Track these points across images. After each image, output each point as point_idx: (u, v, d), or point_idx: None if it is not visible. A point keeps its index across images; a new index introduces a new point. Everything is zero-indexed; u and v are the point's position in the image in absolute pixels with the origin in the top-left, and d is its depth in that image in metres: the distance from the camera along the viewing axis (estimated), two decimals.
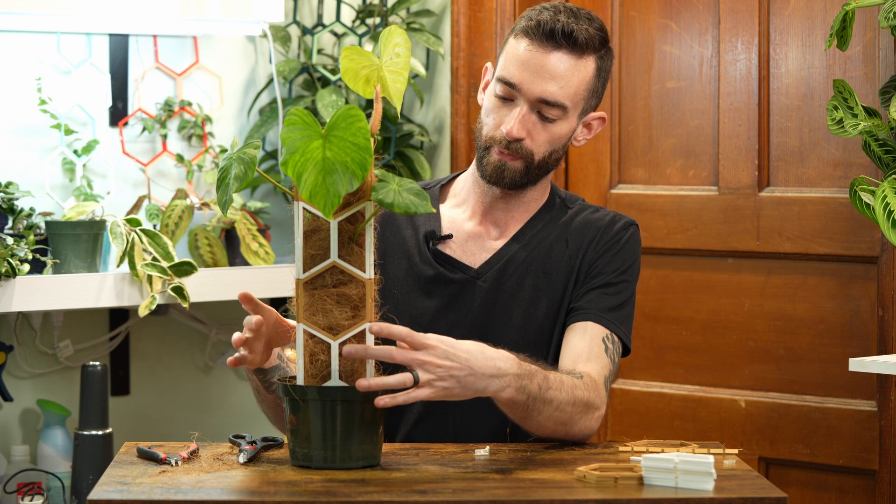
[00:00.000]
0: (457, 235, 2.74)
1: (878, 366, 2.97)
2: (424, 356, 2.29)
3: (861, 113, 2.99)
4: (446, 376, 2.30)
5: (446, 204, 2.79)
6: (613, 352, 2.64)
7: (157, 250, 3.37)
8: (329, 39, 3.93)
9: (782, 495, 2.18)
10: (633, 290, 2.72)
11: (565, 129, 2.67)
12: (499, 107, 2.66)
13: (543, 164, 2.68)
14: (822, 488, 3.40)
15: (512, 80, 2.63)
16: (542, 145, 2.65)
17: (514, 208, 2.74)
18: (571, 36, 2.61)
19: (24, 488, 3.36)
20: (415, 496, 2.15)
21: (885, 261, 3.26)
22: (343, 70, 2.38)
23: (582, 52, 2.63)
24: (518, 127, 2.62)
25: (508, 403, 2.40)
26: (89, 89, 3.57)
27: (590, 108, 2.70)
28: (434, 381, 2.29)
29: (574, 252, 2.71)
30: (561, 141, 2.67)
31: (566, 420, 2.49)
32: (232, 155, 2.30)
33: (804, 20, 3.42)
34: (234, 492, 2.18)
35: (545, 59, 2.62)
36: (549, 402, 2.45)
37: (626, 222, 2.74)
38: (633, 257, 2.73)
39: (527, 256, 2.71)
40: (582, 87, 2.65)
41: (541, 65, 2.62)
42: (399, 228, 2.74)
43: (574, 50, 2.62)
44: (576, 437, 2.54)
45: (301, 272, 2.30)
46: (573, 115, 2.67)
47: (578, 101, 2.65)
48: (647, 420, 3.64)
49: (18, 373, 3.54)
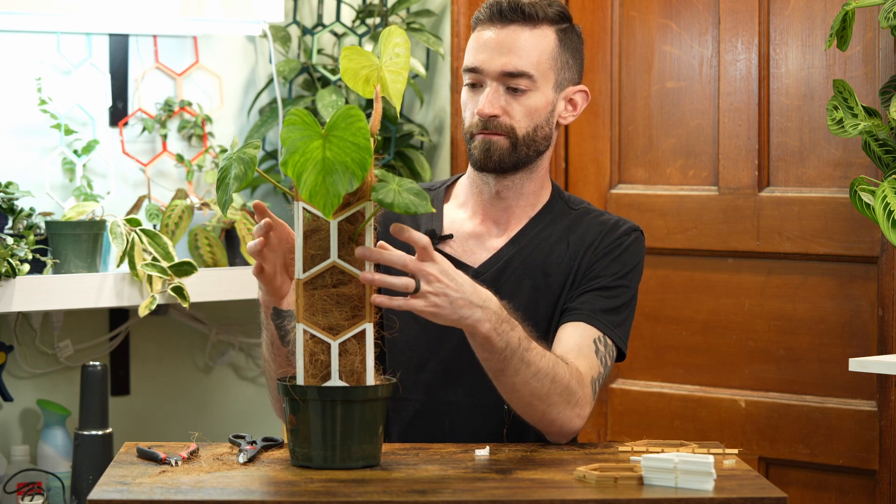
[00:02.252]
0: (458, 235, 2.74)
1: (878, 366, 2.97)
2: (431, 268, 2.32)
3: (861, 113, 2.99)
4: (441, 293, 2.33)
5: (450, 204, 2.79)
6: (605, 354, 2.63)
7: (157, 250, 3.37)
8: (329, 39, 3.93)
9: (782, 495, 2.18)
10: (631, 295, 2.70)
11: (540, 100, 2.68)
12: (471, 96, 2.70)
13: (529, 140, 2.68)
14: (822, 488, 3.40)
15: (474, 64, 2.68)
16: (520, 119, 2.67)
17: (512, 204, 2.73)
18: (519, 7, 2.67)
19: (24, 488, 3.36)
20: (415, 496, 2.15)
21: (885, 261, 3.26)
22: (343, 70, 2.38)
23: (535, 23, 2.67)
24: (488, 104, 2.65)
25: (485, 343, 2.41)
26: (89, 89, 3.57)
27: (565, 80, 2.71)
28: (430, 294, 2.32)
29: (574, 254, 2.70)
30: (539, 114, 2.68)
31: (543, 395, 2.48)
32: (232, 155, 2.30)
33: (804, 20, 3.42)
34: (234, 492, 2.18)
35: (500, 35, 2.66)
36: (527, 364, 2.45)
37: (629, 227, 2.74)
38: (633, 263, 2.72)
39: (527, 257, 2.70)
40: (544, 55, 2.67)
41: (497, 41, 2.66)
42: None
43: (526, 21, 2.67)
44: (553, 427, 2.52)
45: (301, 272, 2.30)
46: (545, 86, 2.68)
47: (545, 70, 2.67)
48: (647, 420, 3.64)
49: (18, 373, 3.54)
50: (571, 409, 2.52)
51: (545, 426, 2.53)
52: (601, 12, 3.69)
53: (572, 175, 3.76)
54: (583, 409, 2.54)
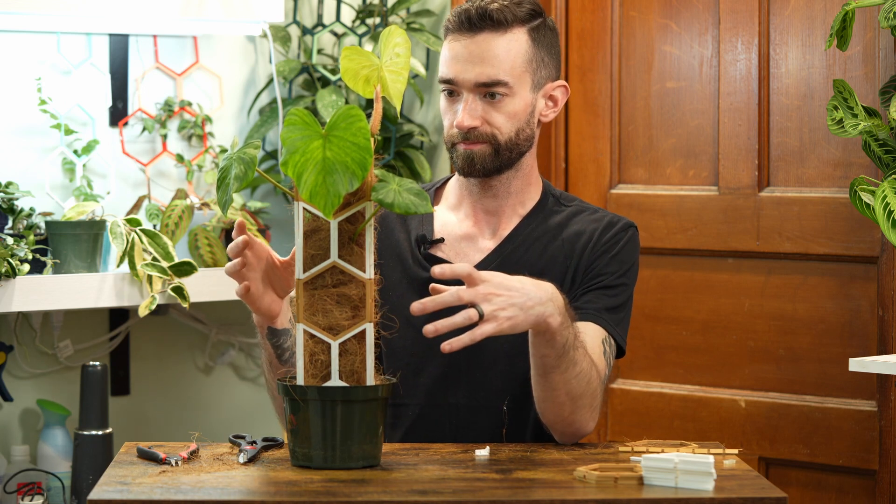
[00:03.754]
0: (450, 238, 2.73)
1: (878, 366, 2.97)
2: (486, 288, 2.32)
3: (861, 113, 2.99)
4: (507, 305, 2.32)
5: (440, 206, 2.78)
6: (610, 355, 2.63)
7: (157, 250, 3.37)
8: (329, 39, 3.93)
9: (782, 495, 2.18)
10: (630, 292, 2.71)
11: (519, 104, 2.66)
12: (449, 106, 2.68)
13: (512, 143, 2.67)
14: (822, 488, 3.40)
15: (448, 76, 2.66)
16: (501, 125, 2.65)
17: (502, 203, 2.73)
18: (487, 14, 2.63)
19: (24, 488, 3.36)
20: (415, 496, 2.15)
21: (885, 261, 3.26)
22: (343, 70, 2.38)
23: (505, 27, 2.64)
24: (467, 117, 2.64)
25: (551, 339, 2.40)
26: (89, 89, 3.57)
27: (542, 79, 2.69)
28: (498, 311, 2.32)
29: (570, 252, 2.70)
30: (520, 117, 2.67)
31: (577, 396, 2.48)
32: (232, 155, 2.30)
33: (804, 20, 3.42)
34: (234, 492, 2.18)
35: (471, 45, 2.64)
36: (574, 364, 2.45)
37: (624, 224, 2.73)
38: (631, 259, 2.72)
39: (521, 256, 2.70)
40: (518, 59, 2.65)
41: (468, 51, 2.64)
42: (392, 231, 2.74)
43: (496, 27, 2.64)
44: (571, 428, 2.52)
45: (301, 272, 2.30)
46: (522, 90, 2.66)
47: (520, 73, 2.65)
48: (647, 420, 3.64)
49: (18, 373, 3.54)
50: (592, 411, 2.53)
51: (564, 427, 2.53)
52: (601, 12, 3.69)
53: (572, 175, 3.76)
54: (598, 412, 2.55)
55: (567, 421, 2.51)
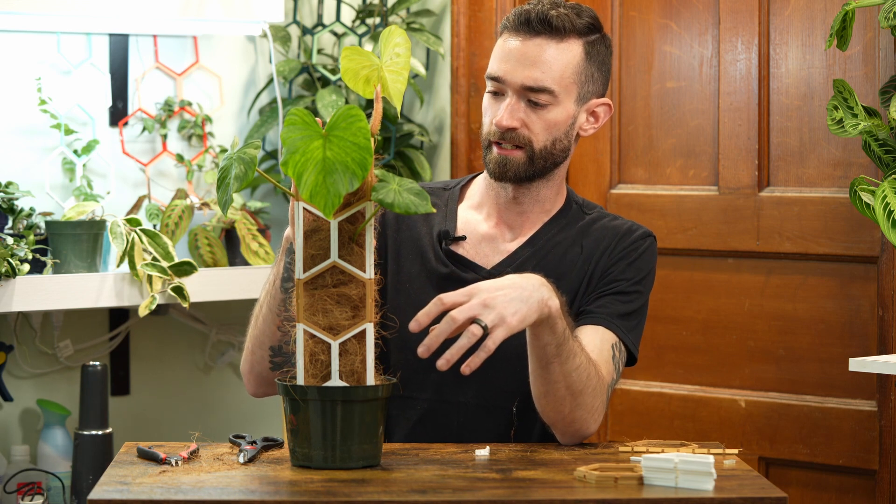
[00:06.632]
0: (471, 237, 2.73)
1: (878, 366, 2.97)
2: (479, 298, 2.32)
3: (861, 113, 2.99)
4: (508, 301, 2.33)
5: (464, 205, 2.77)
6: (619, 360, 2.63)
7: (157, 250, 3.37)
8: (329, 39, 3.93)
9: (782, 495, 2.18)
10: (645, 301, 2.70)
11: (561, 115, 2.66)
12: (492, 103, 2.67)
13: (546, 153, 2.67)
14: (822, 488, 3.40)
15: (497, 73, 2.65)
16: (539, 133, 2.65)
17: (528, 209, 2.73)
18: (546, 20, 2.62)
19: (24, 488, 3.36)
20: (415, 496, 2.15)
21: (885, 261, 3.26)
22: (343, 70, 2.38)
23: (562, 36, 2.63)
24: (507, 116, 2.63)
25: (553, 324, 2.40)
26: (89, 89, 3.57)
27: (588, 94, 2.68)
28: (502, 312, 2.32)
29: (588, 257, 2.69)
30: (559, 128, 2.66)
31: (578, 392, 2.47)
32: (232, 155, 2.30)
33: (804, 20, 3.42)
34: (234, 492, 2.18)
35: (525, 47, 2.63)
36: (573, 354, 2.45)
37: (643, 232, 2.73)
38: (648, 268, 2.71)
39: (540, 260, 2.69)
40: (568, 70, 2.64)
41: (521, 53, 2.63)
42: (415, 225, 2.73)
43: (553, 34, 2.63)
44: (572, 427, 2.52)
45: (301, 272, 2.30)
46: (567, 101, 2.66)
47: (568, 84, 2.65)
48: (647, 420, 3.64)
49: (18, 373, 3.54)
50: (594, 411, 2.52)
51: (565, 425, 2.52)
52: (601, 12, 3.69)
53: (572, 175, 3.76)
54: (600, 413, 2.54)
55: (568, 419, 2.51)
